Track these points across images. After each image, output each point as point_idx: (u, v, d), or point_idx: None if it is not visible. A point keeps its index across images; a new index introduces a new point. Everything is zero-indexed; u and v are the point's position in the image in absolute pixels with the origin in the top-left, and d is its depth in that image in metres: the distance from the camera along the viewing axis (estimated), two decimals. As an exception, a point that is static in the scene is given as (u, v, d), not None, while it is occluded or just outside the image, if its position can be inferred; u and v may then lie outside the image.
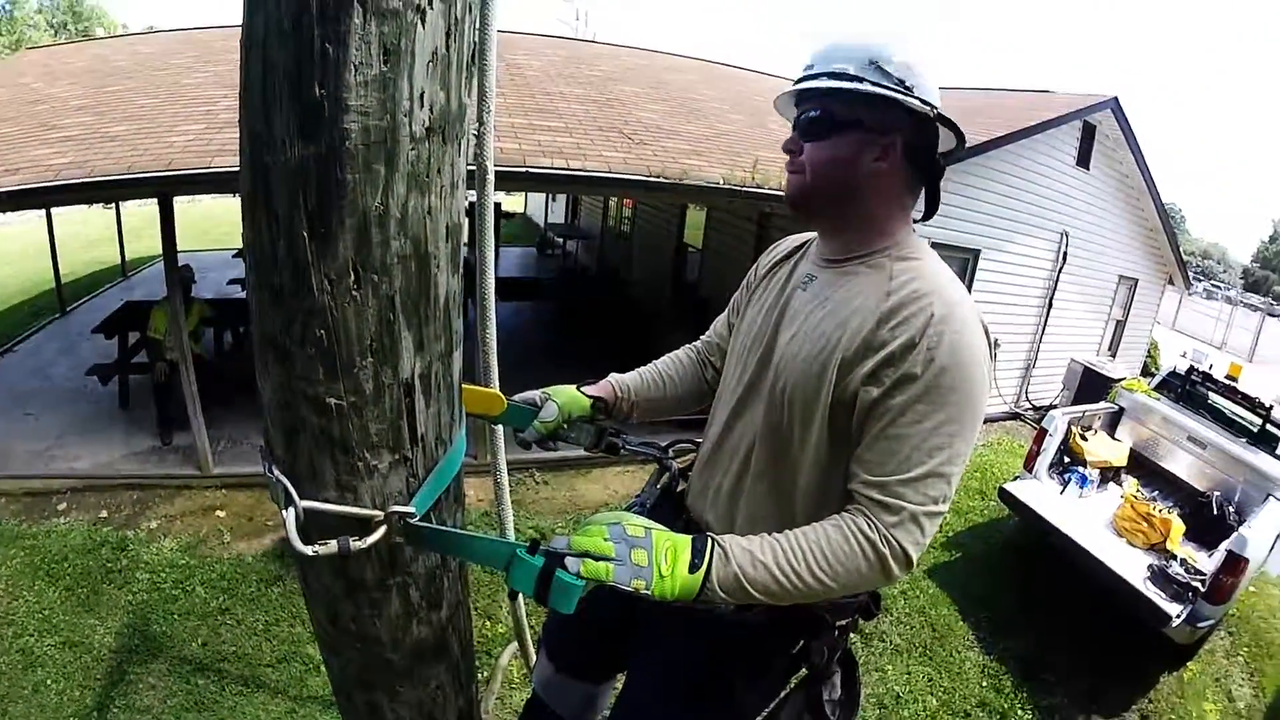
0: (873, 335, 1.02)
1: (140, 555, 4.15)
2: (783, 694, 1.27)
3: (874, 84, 1.06)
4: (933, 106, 1.09)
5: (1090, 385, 7.95)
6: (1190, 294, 20.73)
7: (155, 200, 4.64)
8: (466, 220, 0.98)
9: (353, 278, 0.81)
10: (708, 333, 1.54)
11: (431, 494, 0.99)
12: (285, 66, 0.73)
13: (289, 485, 0.88)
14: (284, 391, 0.87)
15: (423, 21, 0.77)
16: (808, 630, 1.18)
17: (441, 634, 1.15)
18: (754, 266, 1.42)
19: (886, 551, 0.96)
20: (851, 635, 1.27)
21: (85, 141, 4.67)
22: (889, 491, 0.97)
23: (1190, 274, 12.22)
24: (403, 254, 0.84)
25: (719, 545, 0.95)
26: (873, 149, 1.09)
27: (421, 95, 0.80)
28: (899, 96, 1.06)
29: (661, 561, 0.90)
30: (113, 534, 4.34)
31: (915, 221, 1.18)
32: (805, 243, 1.32)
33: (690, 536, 0.95)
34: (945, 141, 1.15)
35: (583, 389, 1.40)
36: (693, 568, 0.92)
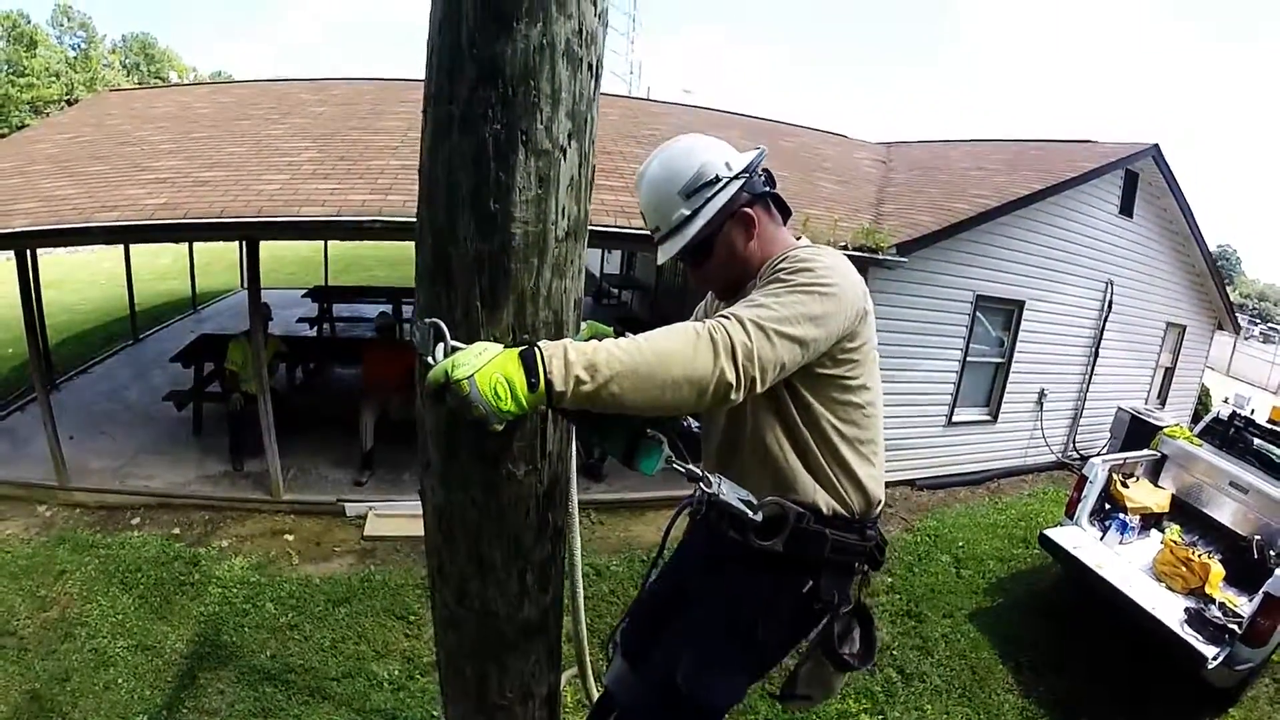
0: None
1: (212, 570, 4.37)
2: (805, 644, 1.46)
3: (700, 207, 1.32)
4: (741, 171, 1.34)
5: (1138, 433, 7.75)
6: (1247, 338, 20.28)
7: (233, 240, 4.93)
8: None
9: (511, 338, 1.11)
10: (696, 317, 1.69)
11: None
12: (467, 187, 1.03)
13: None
14: (447, 416, 1.14)
15: (564, 157, 1.08)
16: (814, 567, 1.35)
17: (545, 615, 1.41)
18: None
19: (716, 336, 1.05)
20: (864, 597, 1.47)
21: (176, 184, 5.02)
22: (724, 314, 1.12)
23: (1246, 317, 11.98)
24: (547, 321, 1.15)
25: (550, 356, 0.97)
26: (738, 232, 1.36)
27: (563, 209, 1.11)
28: (724, 199, 1.32)
29: (492, 397, 0.94)
30: (185, 549, 4.58)
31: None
32: None
33: (520, 357, 0.97)
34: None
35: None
36: (531, 386, 0.96)
